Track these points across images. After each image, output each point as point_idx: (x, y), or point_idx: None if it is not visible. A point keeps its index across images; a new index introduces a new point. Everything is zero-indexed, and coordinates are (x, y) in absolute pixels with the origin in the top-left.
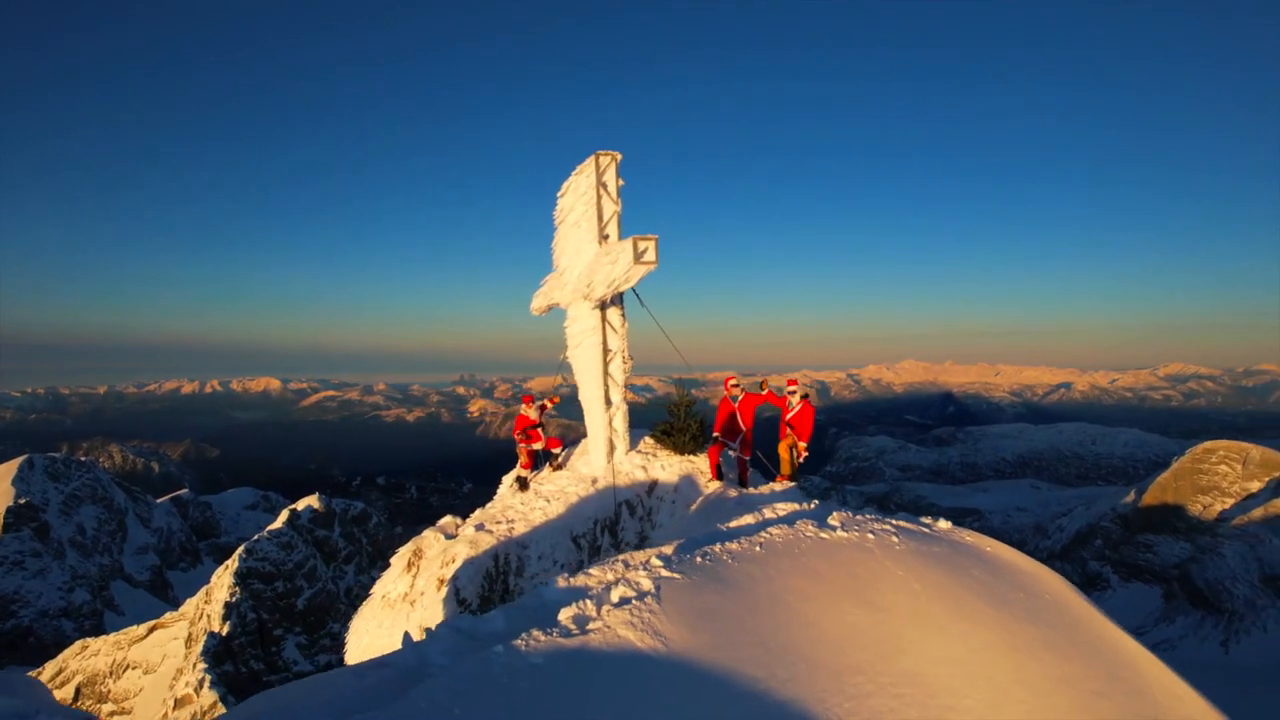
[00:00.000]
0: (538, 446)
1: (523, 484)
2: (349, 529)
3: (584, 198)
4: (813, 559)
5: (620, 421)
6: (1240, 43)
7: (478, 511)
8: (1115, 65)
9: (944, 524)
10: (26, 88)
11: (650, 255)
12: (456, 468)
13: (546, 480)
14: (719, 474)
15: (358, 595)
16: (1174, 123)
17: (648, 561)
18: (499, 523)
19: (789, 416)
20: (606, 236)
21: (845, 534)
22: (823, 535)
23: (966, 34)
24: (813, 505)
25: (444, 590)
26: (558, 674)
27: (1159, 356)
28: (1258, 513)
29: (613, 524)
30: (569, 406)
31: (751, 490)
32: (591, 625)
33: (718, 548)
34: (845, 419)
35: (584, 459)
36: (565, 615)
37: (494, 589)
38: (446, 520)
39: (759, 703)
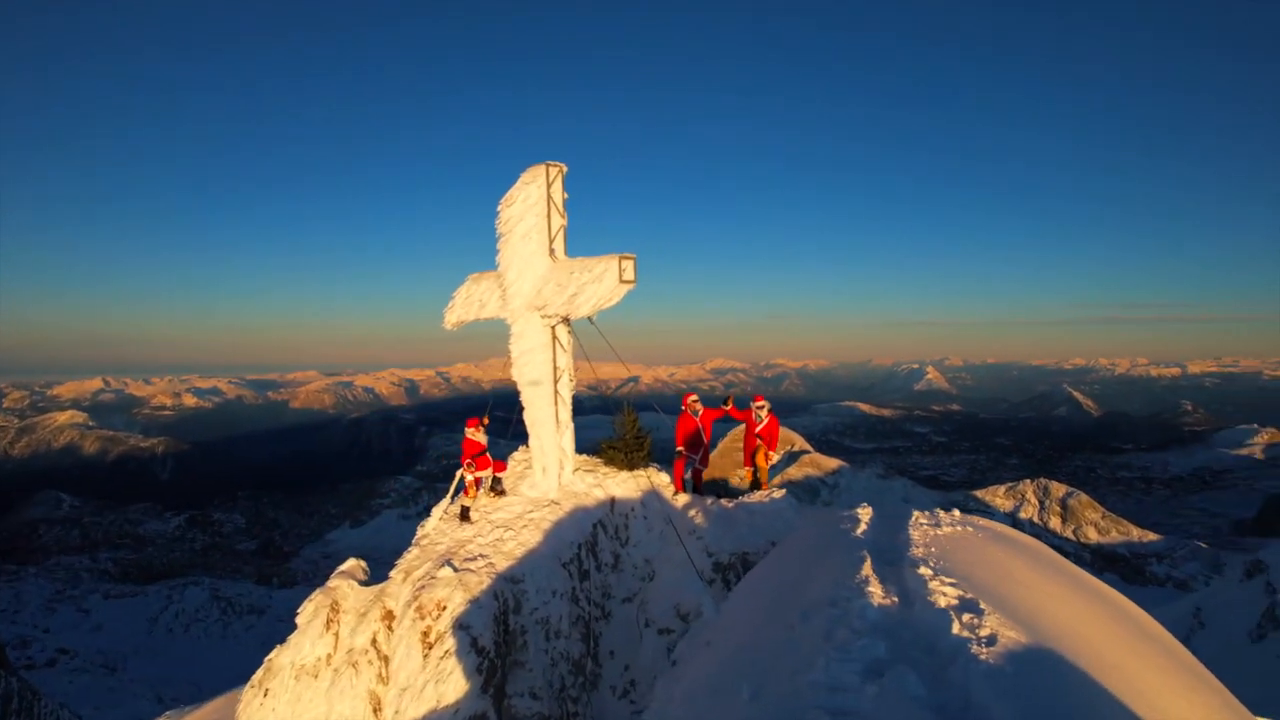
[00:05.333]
0: (484, 474)
1: (465, 515)
2: None
3: (534, 209)
4: (961, 552)
5: (568, 441)
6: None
7: (414, 551)
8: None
9: (957, 513)
10: None
11: (630, 274)
12: None
13: (496, 508)
14: (685, 486)
15: None
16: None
17: (899, 572)
18: (473, 559)
19: (758, 429)
20: (553, 251)
21: (945, 530)
22: (936, 532)
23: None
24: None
25: (444, 642)
26: (1029, 673)
27: (706, 353)
28: (777, 480)
29: (591, 545)
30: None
31: (746, 499)
32: (983, 632)
33: (916, 552)
34: (435, 417)
35: (527, 482)
36: (956, 629)
37: (499, 631)
38: (353, 564)
39: (1091, 664)
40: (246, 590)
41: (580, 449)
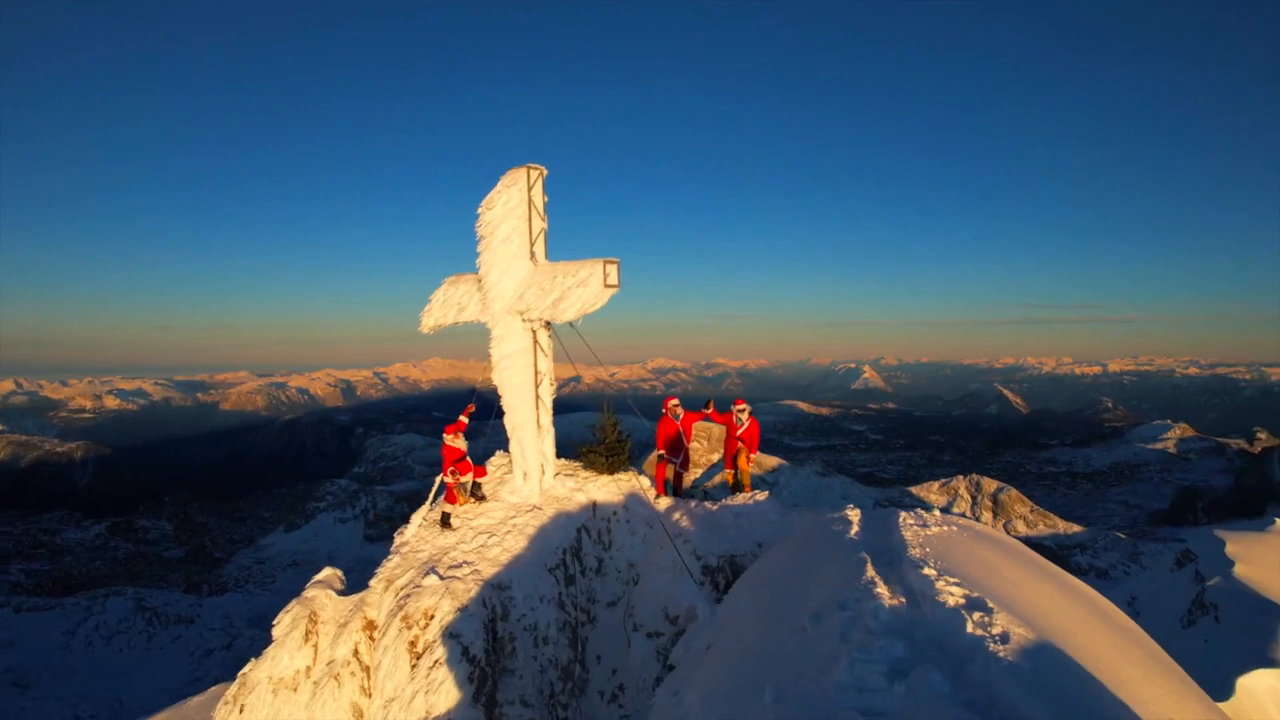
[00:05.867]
0: (466, 479)
1: (445, 521)
2: None
3: (516, 212)
4: (954, 552)
5: (549, 446)
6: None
7: (395, 559)
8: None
9: (938, 514)
10: None
11: (614, 279)
12: None
13: (478, 514)
14: (666, 489)
15: None
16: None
17: (901, 572)
18: (458, 566)
19: (740, 432)
20: (533, 255)
21: (932, 530)
22: (925, 532)
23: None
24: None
25: (433, 652)
26: (1047, 669)
27: (648, 353)
28: (718, 478)
29: (576, 550)
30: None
31: (729, 501)
32: (995, 630)
33: (914, 553)
34: (372, 418)
35: (508, 487)
36: (970, 628)
37: (489, 639)
38: (329, 573)
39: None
40: (174, 599)
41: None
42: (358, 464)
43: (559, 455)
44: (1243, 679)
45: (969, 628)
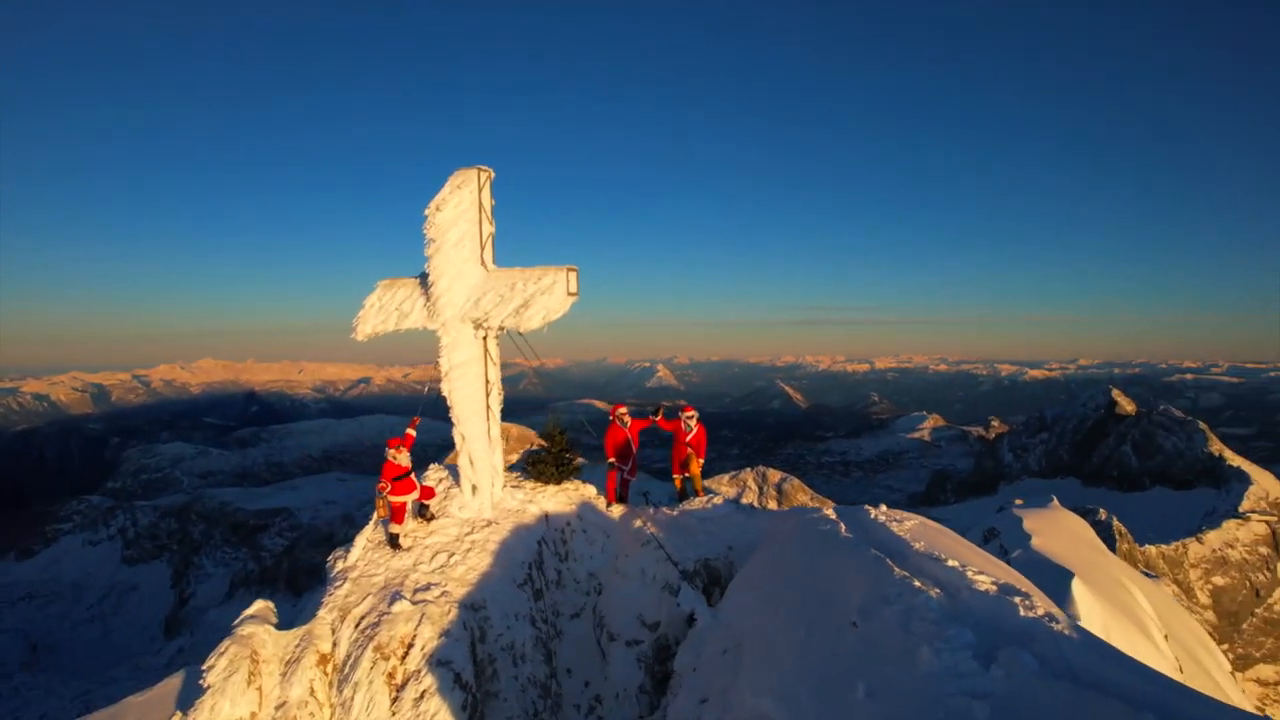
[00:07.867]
0: (410, 498)
1: (394, 542)
2: None
3: (466, 215)
4: (938, 542)
5: (499, 458)
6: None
7: (345, 586)
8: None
9: (885, 507)
10: None
11: (574, 286)
12: None
13: (430, 532)
14: (618, 497)
15: None
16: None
17: (918, 570)
18: (424, 589)
19: (689, 438)
20: (483, 260)
21: (908, 525)
22: (904, 527)
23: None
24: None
25: (418, 682)
26: (1097, 642)
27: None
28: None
29: (539, 563)
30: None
31: (688, 506)
32: (1039, 611)
33: (919, 546)
34: (133, 426)
35: (457, 502)
36: (1023, 611)
37: (474, 662)
38: (261, 606)
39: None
40: None
41: (318, 454)
42: (112, 478)
43: (349, 464)
44: None
45: (1021, 611)
